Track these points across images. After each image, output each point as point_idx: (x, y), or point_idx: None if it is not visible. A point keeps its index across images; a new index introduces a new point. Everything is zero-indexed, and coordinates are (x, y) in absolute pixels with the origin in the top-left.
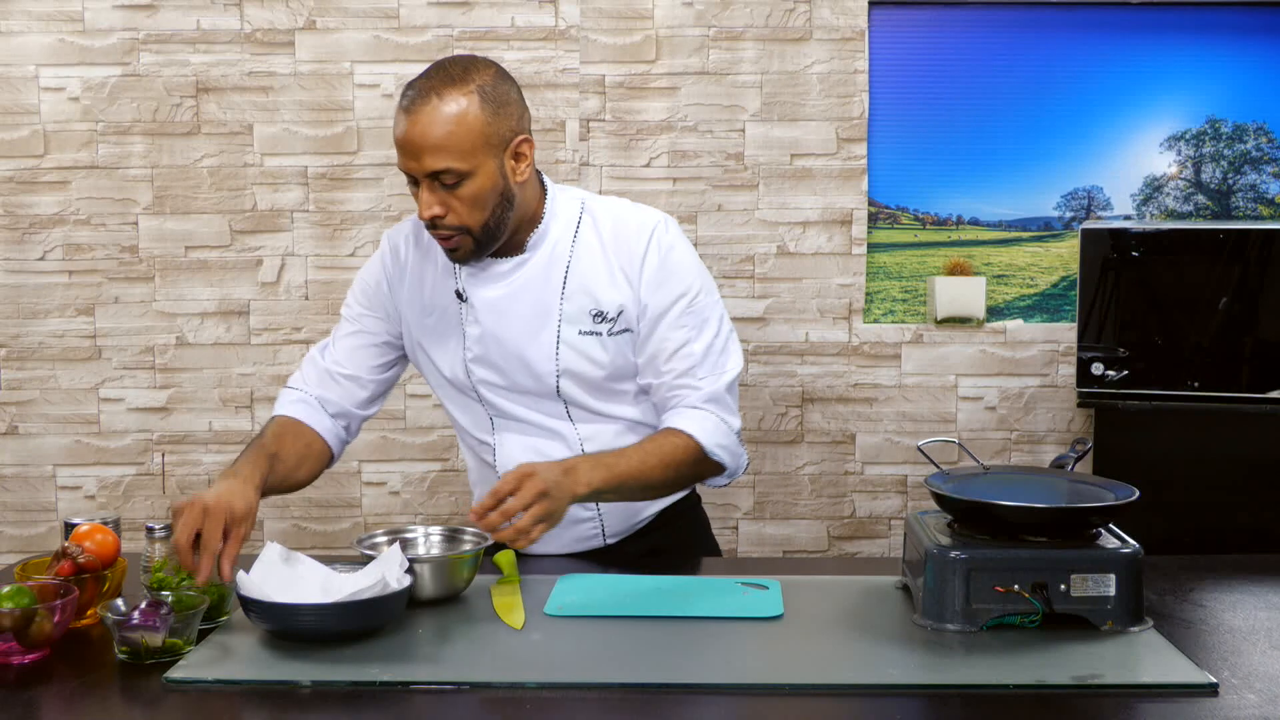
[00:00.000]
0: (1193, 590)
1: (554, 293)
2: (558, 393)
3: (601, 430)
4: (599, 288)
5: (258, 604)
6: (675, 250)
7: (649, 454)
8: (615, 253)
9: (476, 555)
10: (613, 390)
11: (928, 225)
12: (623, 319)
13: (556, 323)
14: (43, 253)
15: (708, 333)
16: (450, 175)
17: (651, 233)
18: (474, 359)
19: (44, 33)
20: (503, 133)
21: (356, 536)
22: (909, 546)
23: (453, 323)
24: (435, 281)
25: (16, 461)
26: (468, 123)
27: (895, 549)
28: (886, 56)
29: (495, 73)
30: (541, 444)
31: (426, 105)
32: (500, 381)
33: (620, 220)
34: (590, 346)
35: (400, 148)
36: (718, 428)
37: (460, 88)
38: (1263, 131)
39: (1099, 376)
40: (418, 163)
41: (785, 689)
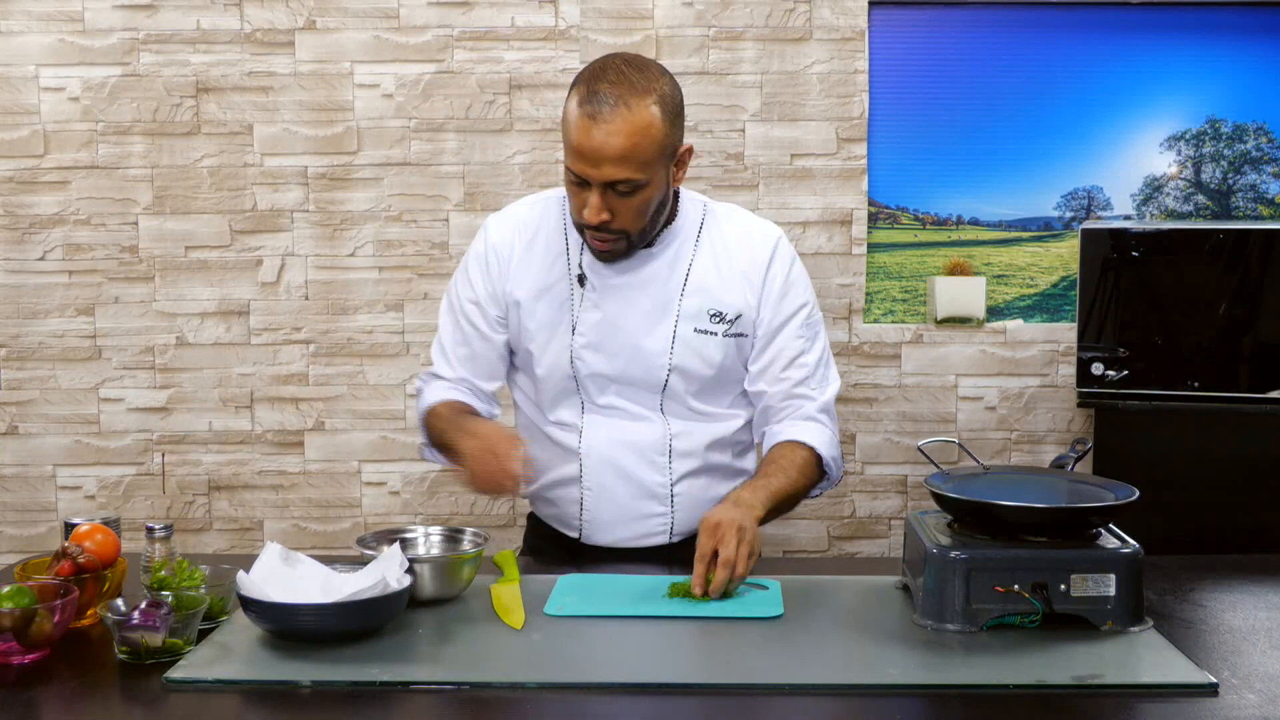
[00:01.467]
0: (1193, 590)
1: (675, 289)
2: (664, 386)
3: (692, 429)
4: (719, 289)
5: (258, 604)
6: (797, 263)
7: (788, 468)
8: (739, 258)
9: (476, 555)
10: (715, 392)
11: (928, 225)
12: (740, 323)
13: (674, 318)
14: (43, 253)
15: (819, 345)
16: (626, 185)
17: (776, 244)
18: (584, 345)
19: (44, 33)
20: (675, 142)
21: (356, 536)
22: (909, 546)
23: (562, 309)
24: (544, 265)
25: (16, 461)
26: (651, 135)
27: (895, 549)
28: (886, 56)
29: (670, 80)
30: (630, 431)
31: (615, 115)
32: (607, 369)
33: (744, 228)
34: (704, 345)
35: (579, 153)
36: (831, 440)
37: (645, 97)
38: (1263, 131)
39: (1099, 376)
40: (597, 170)
41: (785, 689)
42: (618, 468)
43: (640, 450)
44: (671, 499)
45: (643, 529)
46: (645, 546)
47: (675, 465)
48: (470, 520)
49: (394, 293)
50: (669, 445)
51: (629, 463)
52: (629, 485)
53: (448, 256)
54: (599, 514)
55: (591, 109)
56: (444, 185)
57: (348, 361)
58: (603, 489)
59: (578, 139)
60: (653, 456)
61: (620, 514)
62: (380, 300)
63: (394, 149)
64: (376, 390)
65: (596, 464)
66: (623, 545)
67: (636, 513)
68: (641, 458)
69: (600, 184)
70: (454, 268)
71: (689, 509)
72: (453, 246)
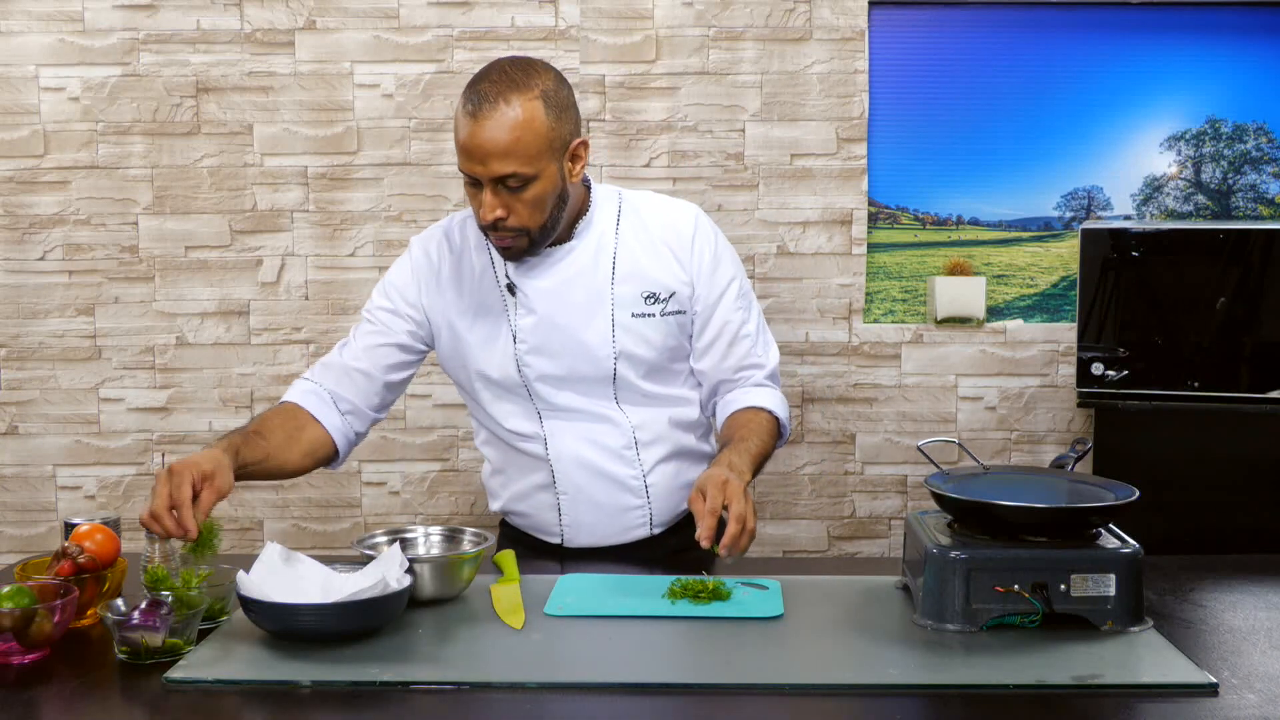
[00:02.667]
0: (1193, 590)
1: (604, 278)
2: (614, 377)
3: (652, 416)
4: (649, 270)
5: (258, 604)
6: (720, 235)
7: (759, 431)
8: (663, 238)
9: (476, 555)
10: (665, 373)
11: (928, 225)
12: (675, 300)
13: (610, 306)
14: (43, 253)
15: (755, 312)
16: (515, 179)
17: (696, 220)
18: (528, 350)
19: (44, 33)
20: (564, 136)
21: (356, 536)
22: (909, 546)
23: (498, 320)
24: (475, 281)
25: (16, 461)
26: (534, 128)
27: (895, 549)
28: (886, 56)
29: (555, 76)
30: (594, 431)
31: (494, 111)
32: (555, 371)
33: (661, 208)
34: (644, 328)
35: (465, 152)
36: (783, 402)
37: (525, 92)
38: (1263, 131)
39: (1099, 376)
40: (484, 167)
41: (785, 689)
42: (590, 467)
43: (607, 447)
44: (646, 490)
45: (623, 523)
46: (627, 542)
47: (644, 456)
48: (470, 520)
49: None
50: (634, 438)
51: (600, 460)
52: (604, 483)
53: None
54: (579, 516)
55: (473, 107)
56: (444, 185)
57: None
58: (579, 491)
59: (463, 138)
60: (621, 451)
61: (599, 513)
62: None
63: (394, 149)
64: None
65: (568, 468)
66: (605, 544)
67: (615, 508)
68: (611, 454)
69: (490, 180)
70: None
71: (664, 498)
72: None
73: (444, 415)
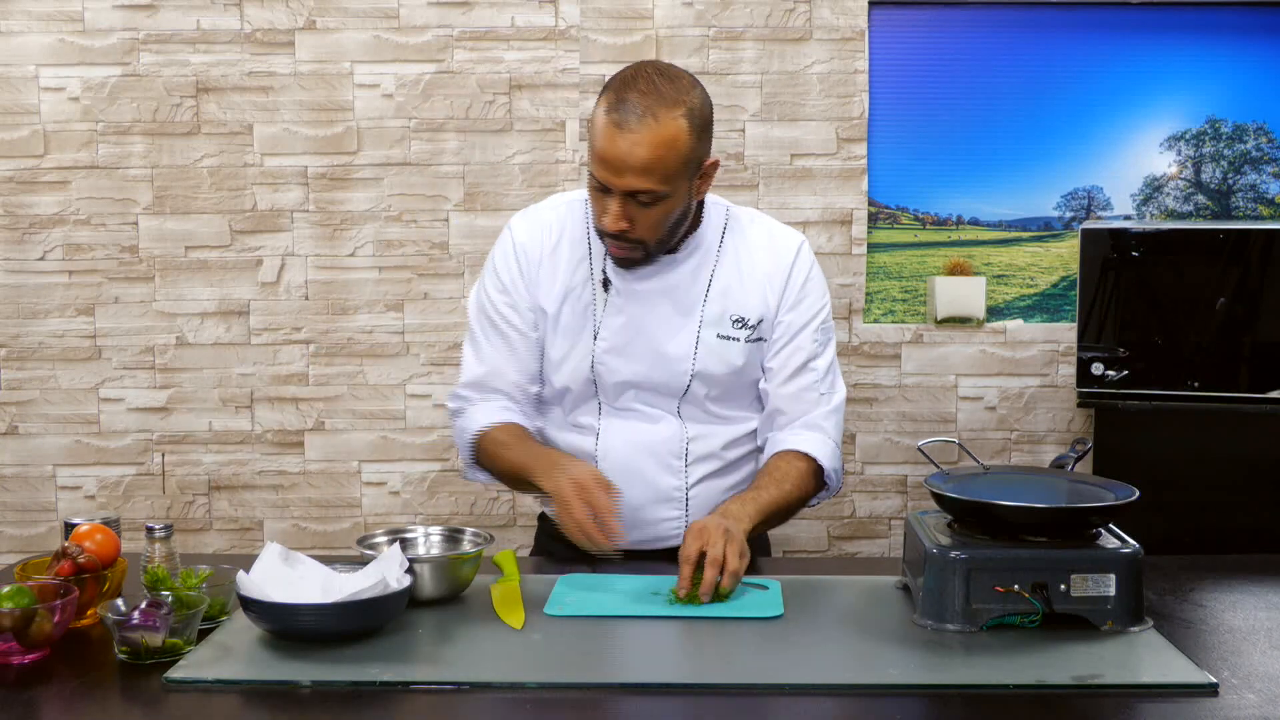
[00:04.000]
0: (1193, 590)
1: (698, 294)
2: (685, 391)
3: (710, 431)
4: (741, 295)
5: (258, 604)
6: (816, 268)
7: (782, 480)
8: (762, 264)
9: (476, 555)
10: (733, 396)
11: (928, 225)
12: (761, 328)
13: (698, 323)
14: (43, 253)
15: (829, 351)
16: (647, 196)
17: (799, 249)
18: (607, 349)
19: (44, 33)
20: (701, 156)
21: (356, 536)
22: (909, 546)
23: (584, 312)
24: (568, 270)
25: (16, 461)
26: (676, 148)
27: (895, 549)
28: (886, 56)
29: (701, 93)
30: (646, 433)
31: (640, 125)
32: (629, 374)
33: (766, 234)
34: (726, 350)
35: (603, 161)
36: (833, 451)
37: (673, 109)
38: (1263, 131)
39: (1099, 376)
40: (619, 179)
41: (785, 689)
42: (634, 471)
43: (656, 453)
44: (686, 502)
45: (657, 532)
46: (659, 549)
47: (691, 469)
48: (470, 520)
49: (394, 293)
50: (685, 448)
51: (645, 466)
52: (644, 489)
53: (448, 256)
54: None
55: (619, 117)
56: (444, 185)
57: (348, 361)
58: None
59: (603, 146)
60: (669, 460)
61: (634, 517)
62: (380, 300)
63: (394, 149)
64: (376, 390)
65: (613, 467)
66: (637, 548)
67: (651, 517)
68: (658, 461)
69: (621, 192)
70: (454, 268)
71: (703, 512)
72: (453, 246)
73: (444, 415)
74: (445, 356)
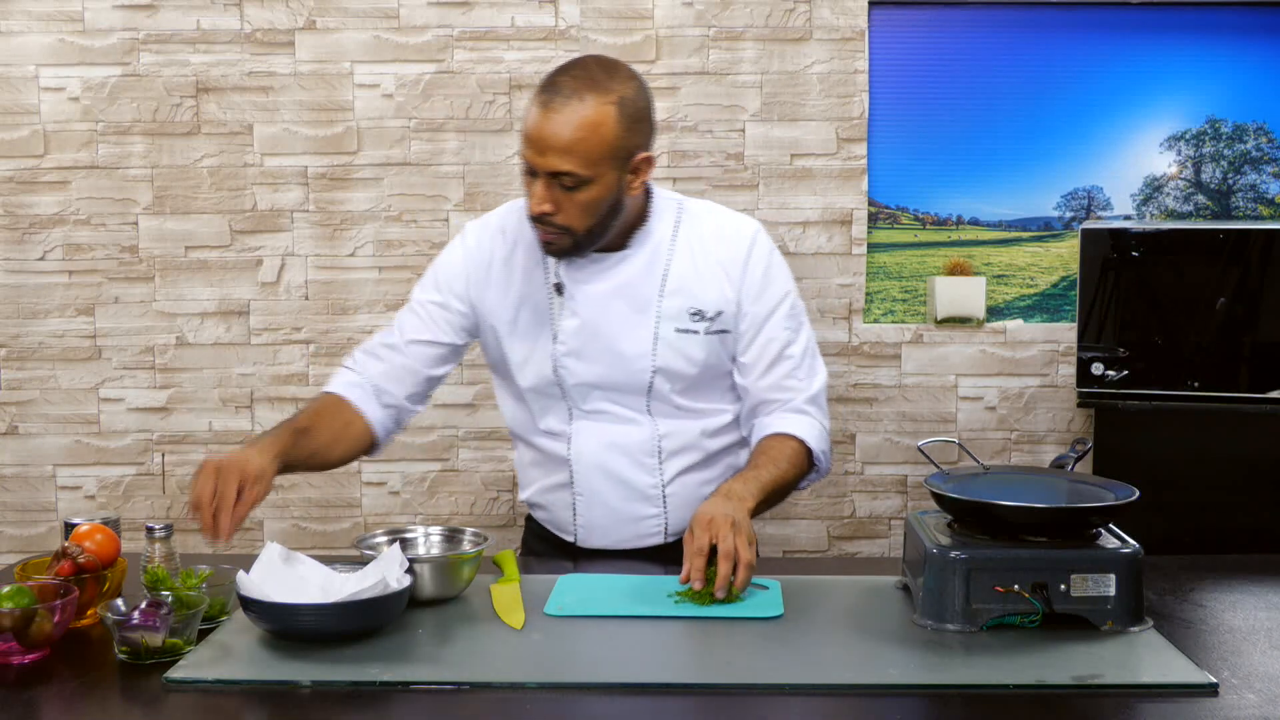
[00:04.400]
0: (1193, 590)
1: (653, 290)
2: (649, 389)
3: (681, 427)
4: (698, 287)
5: (258, 604)
6: (775, 254)
7: (778, 459)
8: (716, 256)
9: (476, 555)
10: (700, 389)
11: (928, 225)
12: (721, 319)
13: (655, 319)
14: (43, 253)
15: (804, 335)
16: (570, 178)
17: (754, 237)
18: (566, 353)
19: (44, 33)
20: (630, 147)
21: (356, 536)
22: (909, 546)
23: (542, 318)
24: (524, 276)
25: (16, 461)
26: (601, 133)
27: (895, 549)
28: (886, 56)
29: (638, 85)
30: (618, 434)
31: (565, 105)
32: (590, 376)
33: (720, 224)
34: (687, 344)
35: (528, 139)
36: (821, 433)
37: (603, 95)
38: (1263, 131)
39: (1099, 376)
40: (542, 159)
41: (785, 689)
42: (608, 472)
43: (629, 453)
44: (664, 499)
45: (637, 530)
46: (641, 548)
47: (666, 466)
48: (470, 520)
49: (394, 293)
50: (658, 446)
51: (618, 466)
52: (620, 489)
53: None
54: (593, 518)
55: (546, 97)
56: (444, 185)
57: None
58: (594, 494)
59: (528, 125)
60: (642, 459)
61: (614, 518)
62: (380, 300)
63: (394, 149)
64: None
65: (587, 469)
66: (619, 547)
67: (629, 515)
68: (631, 460)
69: (545, 173)
70: None
71: (682, 509)
72: None
73: (444, 415)
74: None
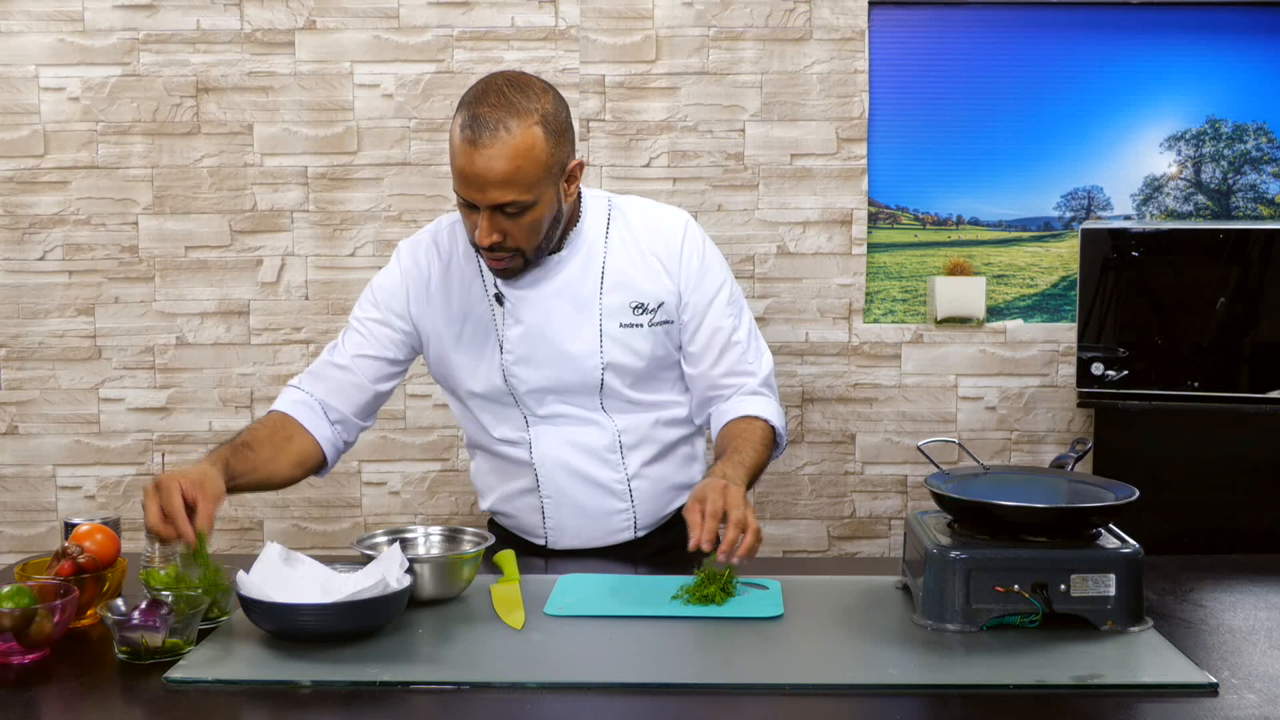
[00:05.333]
0: (1193, 590)
1: (593, 288)
2: (601, 386)
3: (637, 421)
4: (637, 281)
5: (258, 604)
6: (708, 242)
7: (753, 442)
8: (651, 248)
9: (476, 555)
10: (652, 381)
11: (928, 225)
12: (663, 310)
13: (598, 317)
14: (43, 253)
15: (746, 318)
16: (513, 207)
17: (685, 228)
18: (515, 361)
19: (44, 33)
20: (562, 160)
21: (356, 536)
22: (909, 546)
23: (485, 330)
24: (462, 290)
25: (16, 461)
26: (533, 156)
27: (895, 549)
28: (886, 56)
29: (554, 97)
30: (578, 435)
31: (494, 140)
32: (541, 382)
33: (651, 217)
34: (632, 338)
35: (463, 179)
36: (779, 413)
37: (524, 118)
38: (1263, 131)
39: (1099, 376)
40: (482, 195)
41: (785, 689)
42: (573, 471)
43: (591, 451)
44: (630, 494)
45: (607, 527)
46: (611, 545)
47: (629, 460)
48: (470, 520)
49: None
50: (618, 441)
51: (583, 464)
52: (587, 487)
53: None
54: (562, 520)
55: (472, 134)
56: (444, 185)
57: None
58: (562, 495)
59: (461, 165)
60: (605, 455)
61: (583, 517)
62: None
63: (394, 149)
64: None
65: (552, 471)
66: (590, 546)
67: (598, 511)
68: (594, 458)
69: (488, 207)
70: None
71: (648, 501)
72: None
73: (444, 415)
74: None
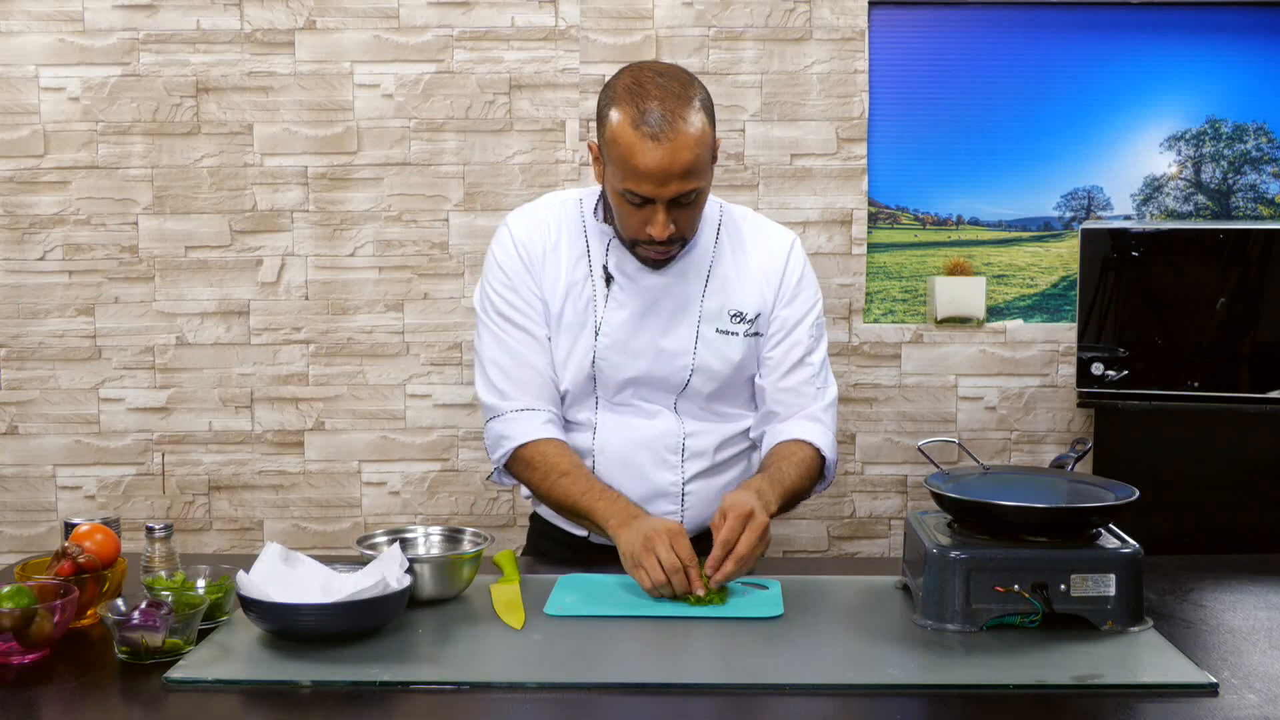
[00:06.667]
0: (1193, 590)
1: (697, 288)
2: (684, 386)
3: (705, 428)
4: (738, 290)
5: (258, 604)
6: (809, 266)
7: (797, 465)
8: (757, 261)
9: (476, 555)
10: (730, 392)
11: (928, 225)
12: (757, 322)
13: (696, 318)
14: (43, 253)
15: (823, 347)
16: (690, 195)
17: (792, 246)
18: (609, 345)
19: (44, 33)
20: (716, 141)
21: (356, 536)
22: (909, 546)
23: (586, 309)
24: (570, 266)
25: (16, 461)
26: (705, 141)
27: (895, 549)
28: (886, 56)
29: (698, 80)
30: (643, 428)
31: (675, 132)
32: (630, 371)
33: (761, 230)
34: (725, 345)
35: (646, 176)
36: (833, 444)
37: (690, 105)
38: (1263, 131)
39: (1099, 376)
40: (665, 189)
41: (785, 689)
42: (630, 466)
43: (652, 448)
44: (683, 498)
45: None
46: None
47: (688, 464)
48: (470, 520)
49: (394, 293)
50: (682, 444)
51: (642, 461)
52: (641, 485)
53: (448, 256)
54: None
55: (651, 129)
56: (444, 185)
57: (348, 361)
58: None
59: (642, 162)
60: (665, 455)
61: None
62: (380, 300)
63: (394, 149)
64: (376, 390)
65: (610, 462)
66: None
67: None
68: (654, 456)
69: (666, 200)
70: (454, 268)
71: (700, 507)
72: (453, 246)
73: (444, 415)
74: (445, 356)
